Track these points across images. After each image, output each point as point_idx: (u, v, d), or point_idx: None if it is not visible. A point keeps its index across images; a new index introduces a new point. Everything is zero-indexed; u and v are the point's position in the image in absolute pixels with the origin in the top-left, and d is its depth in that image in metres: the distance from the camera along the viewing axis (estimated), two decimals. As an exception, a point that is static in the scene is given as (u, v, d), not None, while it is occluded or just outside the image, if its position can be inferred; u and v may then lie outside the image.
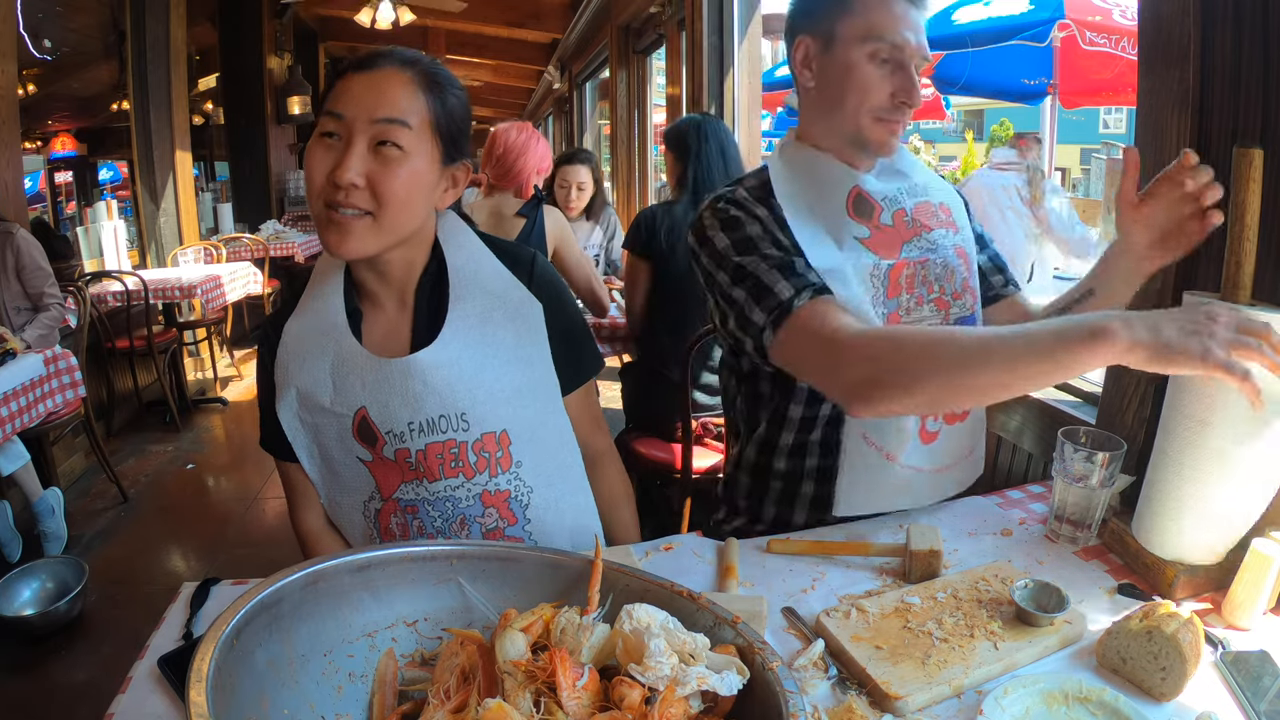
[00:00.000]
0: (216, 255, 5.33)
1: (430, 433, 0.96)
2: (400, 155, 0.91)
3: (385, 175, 0.90)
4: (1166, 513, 0.89)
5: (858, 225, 1.06)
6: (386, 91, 0.91)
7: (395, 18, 5.60)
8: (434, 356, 0.96)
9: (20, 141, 3.39)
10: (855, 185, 1.08)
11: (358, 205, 0.90)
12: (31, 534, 2.78)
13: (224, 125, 6.95)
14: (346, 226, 0.91)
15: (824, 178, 1.09)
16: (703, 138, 2.44)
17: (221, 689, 0.52)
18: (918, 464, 1.09)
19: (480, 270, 1.02)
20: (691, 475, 2.05)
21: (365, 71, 0.93)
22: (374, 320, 1.03)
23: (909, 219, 1.09)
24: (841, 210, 1.07)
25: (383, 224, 0.92)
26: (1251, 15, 0.99)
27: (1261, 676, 0.72)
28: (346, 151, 0.90)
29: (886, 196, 1.09)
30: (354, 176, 0.89)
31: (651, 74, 5.48)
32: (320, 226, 0.93)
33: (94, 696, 2.04)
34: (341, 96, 0.92)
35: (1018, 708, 0.69)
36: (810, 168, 1.11)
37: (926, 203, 1.13)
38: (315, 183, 0.92)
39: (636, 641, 0.61)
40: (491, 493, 0.99)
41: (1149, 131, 1.14)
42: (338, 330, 1.00)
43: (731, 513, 1.24)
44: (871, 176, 1.11)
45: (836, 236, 1.05)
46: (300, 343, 1.01)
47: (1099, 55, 4.05)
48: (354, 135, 0.90)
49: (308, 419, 1.01)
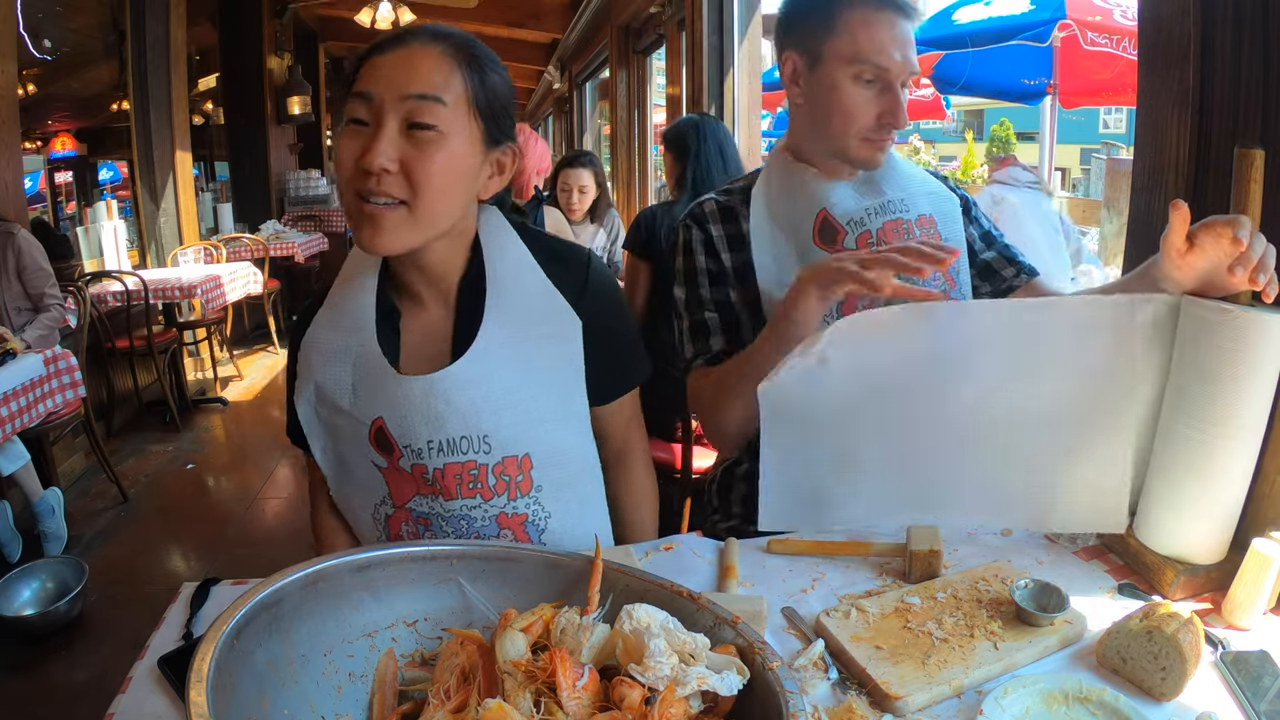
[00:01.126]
0: (216, 255, 5.34)
1: (450, 453, 0.92)
2: (436, 136, 0.83)
3: (420, 158, 0.83)
4: (1168, 510, 0.89)
5: (822, 252, 1.10)
6: (417, 66, 0.84)
7: (395, 18, 5.61)
8: (461, 374, 0.90)
9: (20, 141, 3.40)
10: (822, 209, 1.11)
11: (391, 193, 0.83)
12: (31, 534, 2.79)
13: (224, 125, 6.96)
14: (380, 218, 0.84)
15: (798, 200, 1.13)
16: (701, 138, 2.44)
17: (221, 689, 0.52)
18: None
19: (521, 280, 0.95)
20: (692, 475, 2.05)
21: (393, 49, 0.86)
22: (414, 320, 0.97)
23: (873, 241, 1.10)
24: (809, 237, 1.11)
25: (419, 214, 0.85)
26: (1251, 15, 0.99)
27: (1261, 676, 0.72)
28: (376, 134, 0.82)
29: (853, 219, 1.11)
30: (385, 161, 0.82)
31: (651, 74, 5.49)
32: (353, 220, 0.86)
33: (94, 696, 2.04)
34: (368, 76, 0.85)
35: (1018, 708, 0.69)
36: (787, 188, 1.14)
37: (898, 220, 1.12)
38: (345, 172, 0.85)
39: (636, 641, 0.61)
40: (509, 515, 0.95)
41: (1149, 131, 1.14)
42: (362, 335, 0.94)
43: (725, 515, 1.25)
44: (848, 190, 1.13)
45: (805, 259, 1.10)
46: (325, 338, 0.96)
47: (1099, 55, 4.05)
48: (384, 116, 0.83)
49: (325, 416, 0.97)
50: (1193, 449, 0.86)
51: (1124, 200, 3.62)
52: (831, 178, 1.14)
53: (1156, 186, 1.13)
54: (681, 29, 3.89)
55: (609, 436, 1.07)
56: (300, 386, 0.98)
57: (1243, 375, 0.81)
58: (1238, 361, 0.81)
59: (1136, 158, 1.18)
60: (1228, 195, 0.87)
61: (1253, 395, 0.82)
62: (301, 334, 1.00)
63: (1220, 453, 0.84)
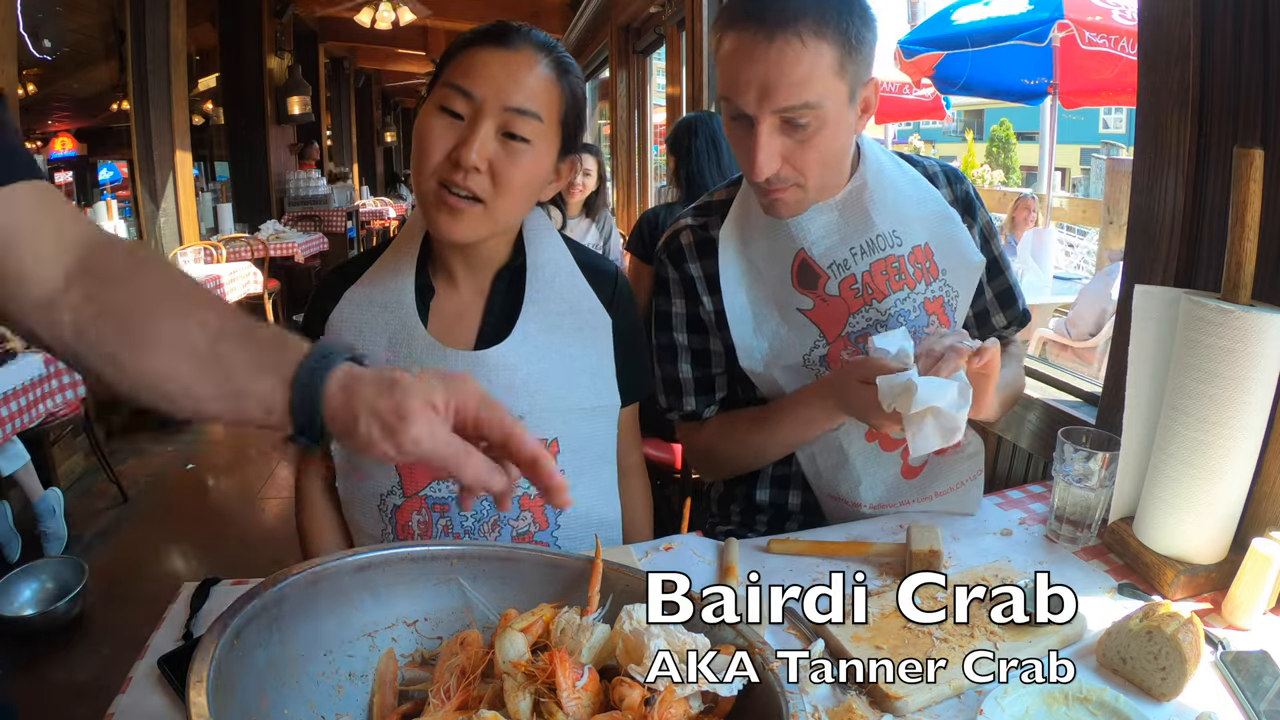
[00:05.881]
0: (216, 255, 5.33)
1: None
2: (526, 147, 0.87)
3: (508, 164, 0.87)
4: (1168, 510, 0.89)
5: (801, 296, 1.02)
6: (523, 78, 0.86)
7: (395, 18, 5.61)
8: (501, 357, 0.95)
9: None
10: (800, 250, 1.00)
11: (474, 190, 0.86)
12: (31, 534, 2.78)
13: (224, 125, 6.95)
14: (460, 211, 0.87)
15: (776, 236, 1.02)
16: (693, 134, 2.48)
17: (221, 689, 0.52)
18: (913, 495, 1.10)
19: (559, 274, 1.00)
20: (692, 475, 2.05)
21: (502, 49, 0.87)
22: (446, 299, 0.99)
23: (858, 286, 1.00)
24: (786, 280, 1.02)
25: (494, 212, 0.89)
26: (1251, 15, 0.99)
27: (1261, 676, 0.72)
28: (472, 132, 0.85)
29: (835, 262, 1.00)
30: (478, 160, 0.85)
31: (651, 74, 5.48)
32: (428, 205, 0.89)
33: (94, 696, 2.04)
34: (473, 72, 0.86)
35: (1018, 708, 0.69)
36: (765, 221, 1.02)
37: (889, 259, 1.00)
38: (432, 159, 0.86)
39: (636, 642, 0.61)
40: (531, 498, 0.98)
41: (1149, 131, 1.14)
42: (403, 309, 0.96)
43: (724, 521, 1.25)
44: (829, 222, 1.00)
45: (781, 306, 1.03)
46: (360, 312, 0.97)
47: (1099, 55, 4.06)
48: (482, 118, 0.85)
49: None
50: (1193, 449, 0.86)
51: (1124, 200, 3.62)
52: (809, 207, 1.00)
53: (1156, 186, 1.13)
54: (681, 29, 3.89)
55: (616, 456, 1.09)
56: None
57: (1243, 375, 0.82)
58: (1238, 361, 0.81)
59: (1136, 158, 1.18)
60: (1228, 195, 0.87)
61: (1253, 395, 0.82)
62: (323, 305, 0.99)
63: (1220, 453, 0.84)
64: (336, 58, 9.85)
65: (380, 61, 10.69)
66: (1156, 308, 0.93)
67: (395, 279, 0.98)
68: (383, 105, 13.87)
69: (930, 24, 4.66)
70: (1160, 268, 1.13)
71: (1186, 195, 1.09)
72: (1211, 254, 1.06)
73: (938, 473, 1.09)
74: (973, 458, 1.09)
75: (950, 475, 1.09)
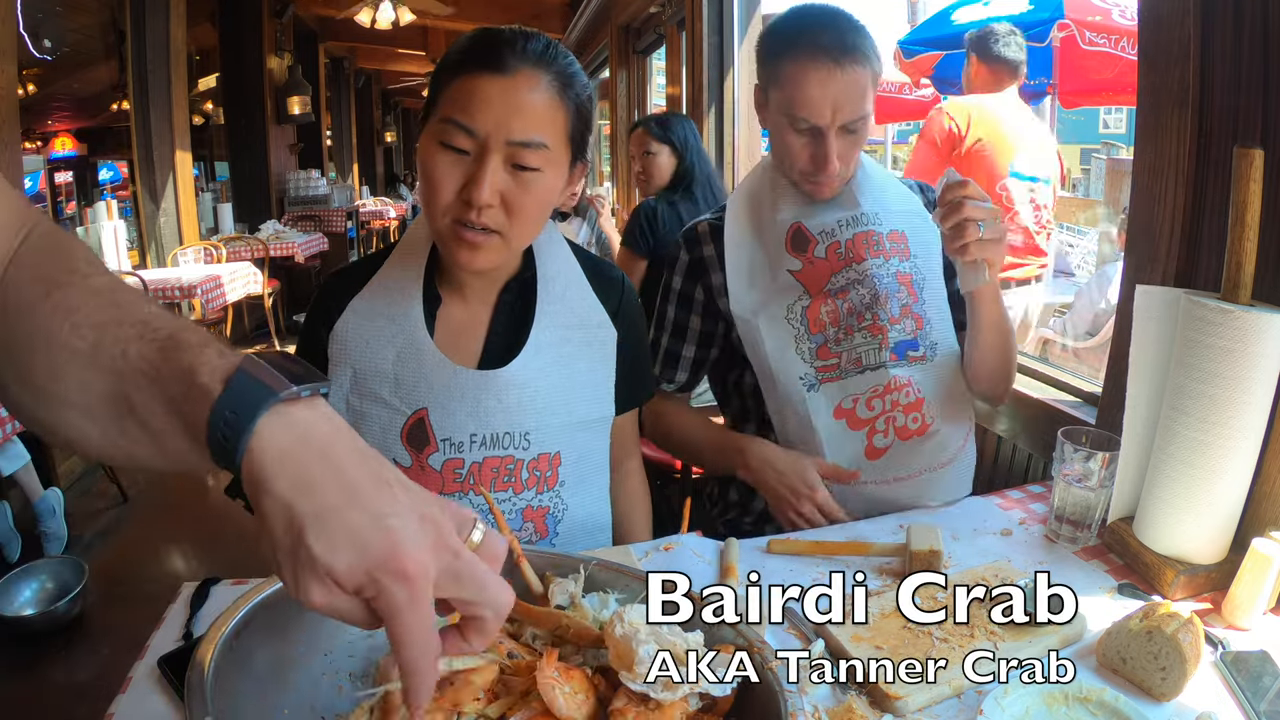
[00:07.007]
0: (216, 255, 5.33)
1: (491, 447, 0.95)
2: (537, 175, 0.86)
3: (521, 194, 0.86)
4: (1168, 510, 0.89)
5: (792, 259, 1.17)
6: (525, 108, 0.84)
7: (395, 17, 5.61)
8: (512, 375, 0.95)
9: (20, 141, 3.39)
10: (796, 223, 1.17)
11: (490, 224, 0.86)
12: (31, 534, 2.78)
13: (224, 125, 6.95)
14: (478, 244, 0.87)
15: (774, 212, 1.19)
16: (693, 134, 2.72)
17: (221, 689, 0.52)
18: (873, 477, 1.15)
19: (570, 287, 1.01)
20: (692, 475, 2.05)
21: (499, 75, 0.83)
22: (452, 310, 0.99)
23: (842, 251, 1.16)
24: (781, 245, 1.18)
25: (512, 240, 0.89)
26: (1251, 15, 0.99)
27: (1261, 676, 0.72)
28: (479, 170, 0.83)
29: (825, 230, 1.17)
30: (491, 198, 0.84)
31: (651, 74, 5.48)
32: (445, 241, 0.89)
33: (94, 696, 2.04)
34: (472, 106, 0.83)
35: (1018, 708, 0.69)
36: (774, 195, 1.19)
37: (870, 232, 1.16)
38: (442, 199, 0.86)
39: (625, 647, 0.60)
40: (534, 509, 0.99)
41: (1149, 131, 1.14)
42: (410, 322, 0.95)
43: (724, 509, 1.31)
44: (822, 203, 1.17)
45: (774, 266, 1.18)
46: (366, 323, 0.95)
47: (1099, 55, 4.05)
48: (488, 154, 0.83)
49: (355, 404, 0.95)
50: (1193, 449, 0.86)
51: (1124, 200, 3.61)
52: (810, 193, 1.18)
53: (1156, 186, 1.13)
54: (681, 29, 3.89)
55: (613, 444, 1.10)
56: (334, 372, 0.96)
57: (1243, 375, 0.82)
58: (1238, 361, 0.81)
59: (1136, 158, 1.18)
60: (1228, 195, 0.87)
61: (1253, 395, 0.82)
62: (327, 314, 0.97)
63: (1220, 453, 0.84)
64: (336, 58, 9.85)
65: (380, 61, 10.69)
66: (1157, 308, 0.93)
67: (402, 290, 0.97)
68: (383, 105, 13.87)
69: (930, 24, 4.66)
70: (1160, 268, 1.13)
71: (1186, 195, 1.09)
72: (1211, 254, 1.06)
73: (899, 458, 1.14)
74: (936, 450, 1.14)
75: (912, 462, 1.14)
